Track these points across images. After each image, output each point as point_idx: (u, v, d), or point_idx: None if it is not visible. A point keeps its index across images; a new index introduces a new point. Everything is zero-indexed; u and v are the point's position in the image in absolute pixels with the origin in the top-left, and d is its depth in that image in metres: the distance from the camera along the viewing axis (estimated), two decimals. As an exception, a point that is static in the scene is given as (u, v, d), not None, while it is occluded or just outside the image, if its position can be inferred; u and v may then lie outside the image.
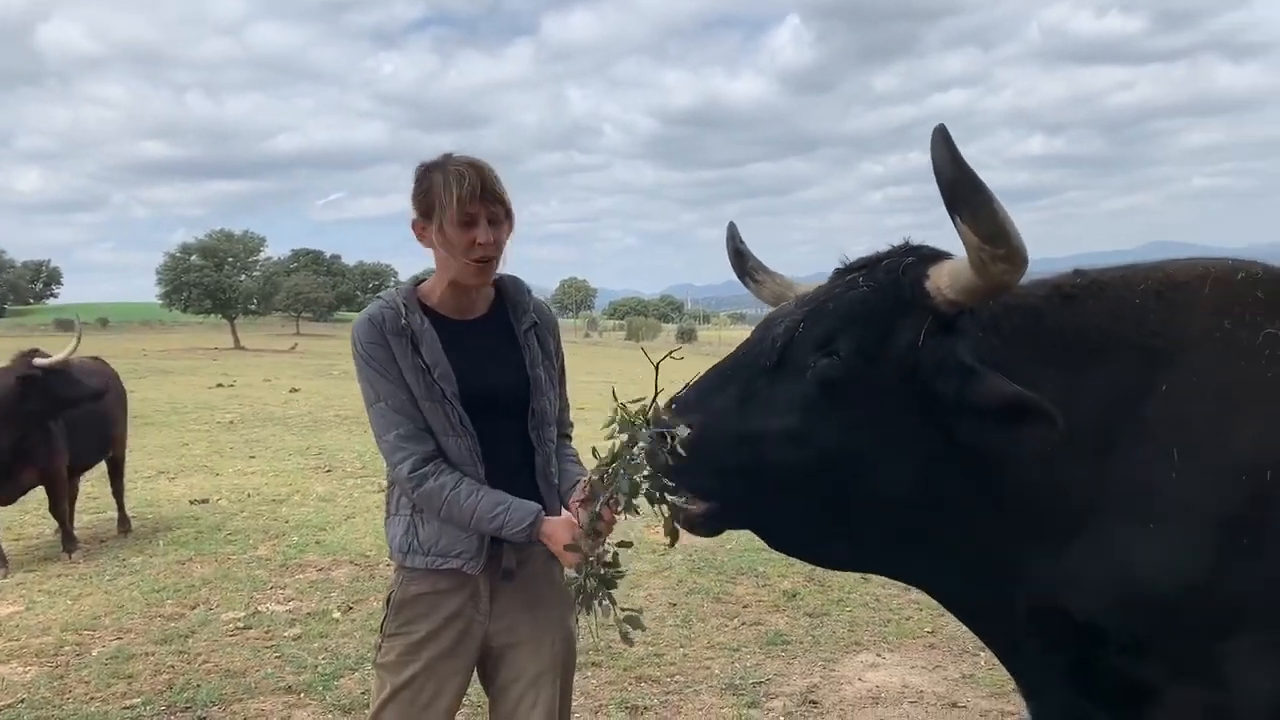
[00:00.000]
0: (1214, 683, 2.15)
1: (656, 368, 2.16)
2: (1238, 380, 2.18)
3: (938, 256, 2.26)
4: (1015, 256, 2.01)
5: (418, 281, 2.60)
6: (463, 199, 2.35)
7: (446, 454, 2.47)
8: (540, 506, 2.44)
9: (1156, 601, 2.15)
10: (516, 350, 2.56)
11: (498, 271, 2.56)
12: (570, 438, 2.78)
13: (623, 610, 2.24)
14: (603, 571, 2.24)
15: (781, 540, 2.47)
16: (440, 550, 2.50)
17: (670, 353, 2.28)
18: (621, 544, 2.30)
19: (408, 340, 2.45)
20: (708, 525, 2.32)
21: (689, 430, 2.13)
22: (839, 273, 2.39)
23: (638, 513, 2.20)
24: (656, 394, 2.24)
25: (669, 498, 2.17)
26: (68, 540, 7.61)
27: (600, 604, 2.23)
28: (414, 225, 2.47)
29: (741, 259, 2.81)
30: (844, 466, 2.22)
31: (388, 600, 2.58)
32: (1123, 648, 2.22)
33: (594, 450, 2.26)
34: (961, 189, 1.97)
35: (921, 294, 2.19)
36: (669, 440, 2.11)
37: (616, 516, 2.24)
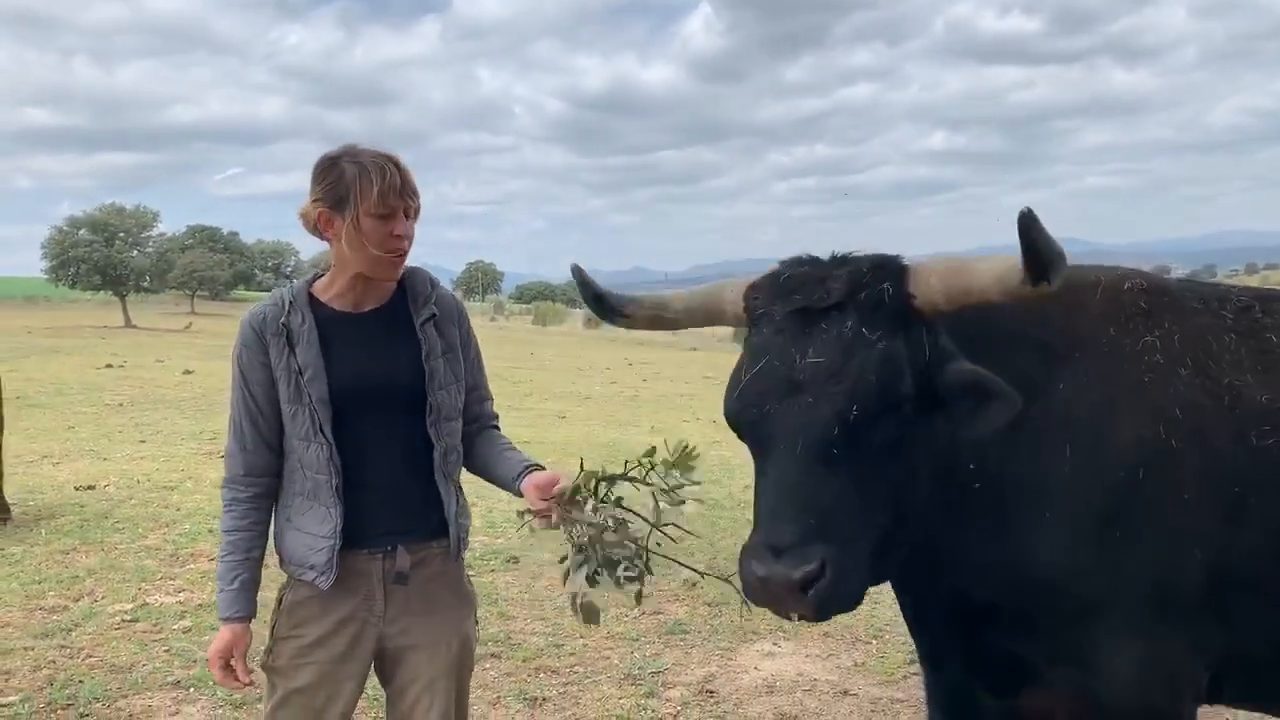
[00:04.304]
0: (1084, 665, 2.32)
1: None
2: (1120, 384, 2.35)
3: (902, 266, 2.22)
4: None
5: (316, 276, 2.54)
6: (384, 192, 2.34)
7: (304, 462, 2.44)
8: (236, 612, 2.43)
9: (1043, 585, 2.30)
10: (412, 343, 2.49)
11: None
12: (499, 429, 2.72)
13: (621, 583, 2.40)
14: (597, 547, 2.37)
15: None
16: (298, 561, 2.47)
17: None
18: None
19: (284, 341, 2.41)
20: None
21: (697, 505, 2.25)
22: (799, 312, 2.20)
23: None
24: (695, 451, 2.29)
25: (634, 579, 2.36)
26: (-60, 529, 7.27)
27: (593, 575, 2.39)
28: (319, 217, 2.39)
29: (601, 302, 2.61)
30: (904, 499, 2.22)
31: (279, 601, 2.53)
32: (1011, 627, 2.37)
33: (581, 461, 2.31)
34: (1058, 264, 1.99)
35: (914, 311, 2.17)
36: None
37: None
